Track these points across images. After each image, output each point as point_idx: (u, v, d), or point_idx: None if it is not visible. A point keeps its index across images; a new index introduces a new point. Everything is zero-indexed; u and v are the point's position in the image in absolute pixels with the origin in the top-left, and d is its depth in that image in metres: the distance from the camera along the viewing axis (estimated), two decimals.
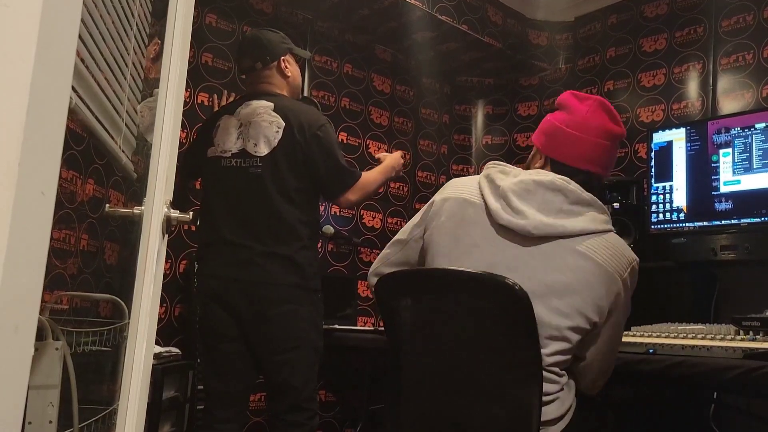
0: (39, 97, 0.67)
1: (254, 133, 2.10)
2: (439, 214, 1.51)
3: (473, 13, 3.35)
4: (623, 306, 1.43)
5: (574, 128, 1.46)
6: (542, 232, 1.36)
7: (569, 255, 1.36)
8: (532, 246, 1.37)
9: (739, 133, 2.49)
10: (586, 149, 1.45)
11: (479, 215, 1.44)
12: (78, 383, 1.30)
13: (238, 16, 2.97)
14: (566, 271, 1.35)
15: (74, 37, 0.76)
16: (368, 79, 3.51)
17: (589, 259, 1.36)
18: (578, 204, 1.40)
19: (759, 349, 1.47)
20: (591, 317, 1.36)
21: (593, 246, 1.37)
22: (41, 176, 0.70)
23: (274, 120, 2.10)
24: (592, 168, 1.47)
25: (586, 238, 1.37)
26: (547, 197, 1.39)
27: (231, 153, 2.12)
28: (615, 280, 1.38)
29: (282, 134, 2.08)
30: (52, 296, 1.48)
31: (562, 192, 1.39)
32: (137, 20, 1.58)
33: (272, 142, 2.08)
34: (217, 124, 2.20)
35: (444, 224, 1.49)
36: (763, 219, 2.37)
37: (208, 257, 2.14)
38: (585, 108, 1.47)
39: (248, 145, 2.10)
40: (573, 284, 1.35)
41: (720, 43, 2.99)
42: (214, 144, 2.17)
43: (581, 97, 1.50)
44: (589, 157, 1.46)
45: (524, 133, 3.84)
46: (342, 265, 3.32)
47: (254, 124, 2.11)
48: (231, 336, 2.07)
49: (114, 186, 1.91)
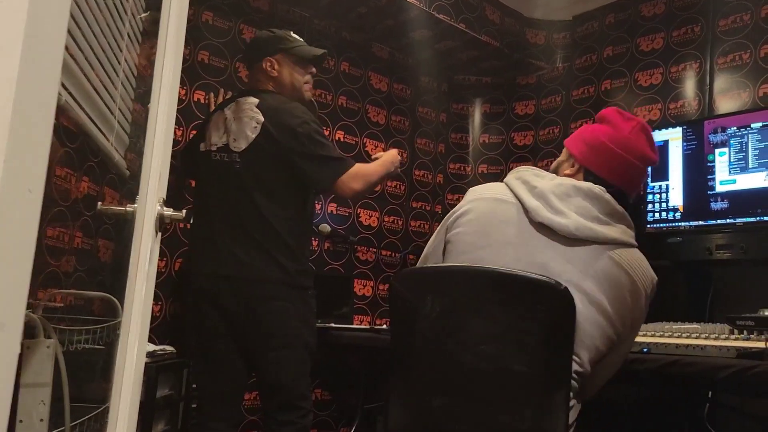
0: (25, 91, 0.66)
1: (236, 128, 2.11)
2: (467, 213, 1.48)
3: (471, 12, 3.35)
4: (642, 319, 1.44)
5: (616, 144, 1.47)
6: (583, 234, 1.35)
7: (604, 260, 1.36)
8: (568, 248, 1.37)
9: (736, 132, 2.49)
10: (623, 167, 1.47)
11: (514, 213, 1.42)
12: (70, 381, 1.30)
13: (235, 13, 2.96)
14: (602, 278, 1.35)
15: (63, 31, 0.75)
16: (365, 77, 3.50)
17: (621, 268, 1.36)
18: (612, 215, 1.40)
19: (753, 348, 1.47)
20: (618, 327, 1.36)
21: (625, 256, 1.38)
22: (28, 173, 0.69)
23: (254, 116, 2.10)
24: (624, 186, 1.49)
25: (617, 248, 1.38)
26: (585, 203, 1.39)
27: (216, 147, 2.15)
28: (641, 294, 1.39)
29: (260, 129, 2.08)
30: (46, 294, 1.47)
31: (599, 201, 1.40)
32: (130, 17, 1.57)
33: (249, 137, 2.08)
34: (210, 119, 2.24)
35: (472, 221, 1.46)
36: (759, 218, 2.38)
37: (197, 253, 2.16)
38: (629, 127, 1.49)
39: (230, 141, 2.12)
40: (608, 292, 1.34)
41: (717, 42, 2.99)
42: (205, 139, 2.20)
43: (626, 116, 1.52)
44: (624, 175, 1.48)
45: (521, 132, 3.84)
46: (338, 263, 3.32)
47: (237, 119, 2.12)
48: (221, 334, 2.07)
49: (109, 184, 1.90)
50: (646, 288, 1.40)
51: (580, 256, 1.35)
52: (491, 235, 1.42)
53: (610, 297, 1.34)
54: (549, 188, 1.41)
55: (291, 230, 2.10)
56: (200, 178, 2.24)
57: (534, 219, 1.39)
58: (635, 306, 1.38)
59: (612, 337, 1.36)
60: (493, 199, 1.47)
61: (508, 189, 1.48)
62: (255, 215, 2.06)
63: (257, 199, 2.06)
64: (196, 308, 2.12)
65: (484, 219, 1.45)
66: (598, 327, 1.33)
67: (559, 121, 3.65)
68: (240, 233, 2.06)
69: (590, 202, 1.39)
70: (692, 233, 2.57)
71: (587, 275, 1.34)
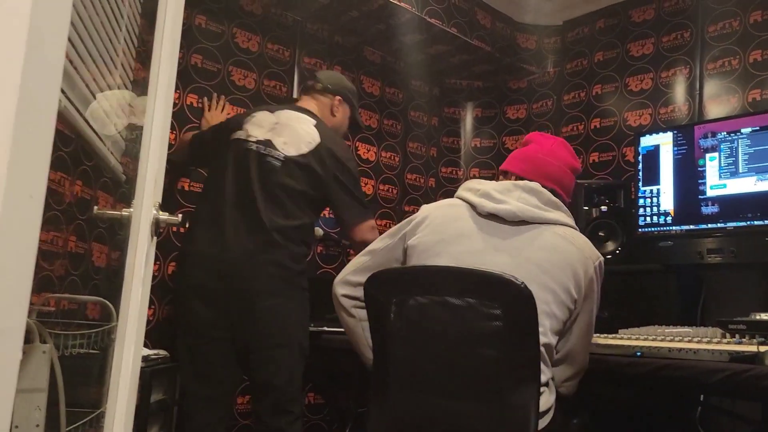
0: (28, 98, 0.66)
1: (288, 133, 2.17)
2: (423, 221, 1.65)
3: (462, 16, 3.36)
4: (597, 294, 1.58)
5: (543, 154, 1.70)
6: (525, 215, 1.55)
7: (550, 236, 1.54)
8: (516, 230, 1.56)
9: (726, 137, 2.51)
10: (554, 170, 1.68)
11: (463, 212, 1.62)
12: (65, 386, 1.29)
13: (228, 17, 2.96)
14: (550, 249, 1.52)
15: (64, 39, 0.76)
16: (357, 81, 3.51)
17: (568, 241, 1.54)
18: (549, 205, 1.60)
19: (745, 352, 1.48)
20: (573, 293, 1.50)
21: (569, 233, 1.57)
22: (30, 179, 0.70)
23: (311, 132, 2.18)
24: (557, 188, 1.67)
25: (561, 227, 1.57)
26: (524, 195, 1.59)
27: (256, 139, 2.16)
28: (590, 264, 1.55)
29: (314, 147, 2.16)
30: (40, 298, 1.47)
31: (536, 192, 1.60)
32: (126, 21, 1.57)
33: (302, 149, 2.14)
34: (253, 115, 2.24)
35: (430, 225, 1.63)
36: (749, 223, 2.40)
37: (201, 236, 2.11)
38: (551, 142, 1.74)
39: (277, 140, 2.15)
40: (556, 261, 1.50)
41: (706, 48, 3.02)
42: (242, 129, 2.21)
43: (547, 136, 1.80)
44: (556, 178, 1.68)
45: (513, 136, 3.86)
46: (331, 267, 3.32)
47: (291, 127, 2.18)
48: (212, 335, 2.04)
49: (102, 187, 1.89)
50: (593, 259, 1.56)
51: (527, 236, 1.54)
52: (447, 231, 1.60)
53: (557, 263, 1.50)
54: (491, 187, 1.62)
55: (301, 238, 2.14)
56: (219, 164, 2.19)
57: (482, 212, 1.59)
58: (585, 275, 1.52)
59: (567, 303, 1.50)
60: (446, 205, 1.69)
61: (457, 198, 1.69)
62: (273, 212, 2.08)
63: (282, 197, 2.10)
64: (188, 308, 2.08)
65: (439, 220, 1.63)
66: (549, 291, 1.47)
67: (551, 125, 3.68)
68: (252, 223, 2.06)
69: (528, 193, 1.59)
70: (683, 237, 2.59)
71: (536, 249, 1.52)
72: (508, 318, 1.34)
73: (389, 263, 1.68)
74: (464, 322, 1.38)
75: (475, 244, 1.55)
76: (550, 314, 1.47)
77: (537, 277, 1.46)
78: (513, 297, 1.33)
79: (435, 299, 1.42)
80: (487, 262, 1.47)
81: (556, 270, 1.49)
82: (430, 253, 1.57)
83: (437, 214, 1.65)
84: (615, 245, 2.79)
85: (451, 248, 1.55)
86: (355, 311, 1.71)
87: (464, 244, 1.55)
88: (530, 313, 1.33)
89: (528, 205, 1.56)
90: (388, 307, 1.47)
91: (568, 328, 1.55)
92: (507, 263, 1.47)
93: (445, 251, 1.55)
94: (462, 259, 1.52)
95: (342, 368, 3.11)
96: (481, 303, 1.36)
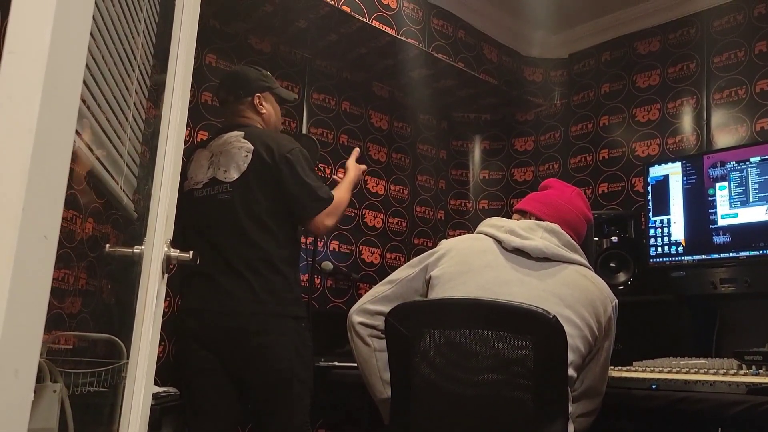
0: (43, 141, 0.67)
1: (224, 161, 2.10)
2: (447, 253, 1.65)
3: (469, 51, 3.40)
4: (613, 333, 1.59)
5: (563, 201, 1.76)
6: (550, 252, 1.58)
7: (573, 274, 1.57)
8: (540, 265, 1.58)
9: (735, 166, 2.51)
10: (572, 218, 1.74)
11: (490, 245, 1.64)
12: (75, 425, 1.29)
13: (238, 55, 3.01)
14: (572, 286, 1.54)
15: (79, 83, 0.77)
16: (366, 116, 3.54)
17: (589, 280, 1.58)
18: (569, 246, 1.64)
19: (763, 383, 1.46)
20: (594, 330, 1.51)
21: (589, 274, 1.61)
22: (44, 220, 0.70)
23: (243, 145, 2.10)
24: (572, 234, 1.70)
25: (582, 267, 1.61)
26: (546, 235, 1.63)
27: (202, 183, 2.13)
28: (608, 303, 1.57)
29: (251, 157, 2.08)
30: (50, 336, 1.47)
31: (558, 234, 1.64)
32: (139, 62, 1.60)
33: (242, 166, 2.07)
34: (192, 159, 2.21)
35: (454, 257, 1.63)
36: (762, 252, 2.38)
37: (185, 292, 2.13)
38: (570, 191, 1.81)
39: (218, 173, 2.10)
40: (578, 297, 1.52)
41: (713, 78, 3.03)
42: (188, 178, 2.17)
43: (565, 184, 1.86)
44: (573, 225, 1.73)
45: (521, 168, 3.87)
46: (341, 301, 3.31)
47: (225, 152, 2.11)
48: (210, 373, 2.02)
49: (113, 224, 1.91)
50: (611, 299, 1.59)
51: (551, 273, 1.57)
52: (474, 262, 1.60)
53: (579, 299, 1.51)
54: (515, 225, 1.65)
55: (283, 258, 2.07)
56: (185, 217, 2.15)
57: (507, 247, 1.61)
58: (605, 313, 1.55)
59: (589, 339, 1.50)
60: (471, 239, 1.70)
61: (480, 234, 1.71)
62: (247, 244, 2.03)
63: (248, 227, 2.04)
64: (183, 346, 2.08)
65: (464, 252, 1.64)
66: (574, 325, 1.47)
67: (559, 156, 3.68)
68: (228, 266, 2.03)
69: (551, 234, 1.63)
70: (696, 267, 2.57)
71: (560, 285, 1.53)
72: (539, 352, 1.32)
73: (409, 294, 1.66)
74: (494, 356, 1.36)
75: (502, 275, 1.55)
76: (575, 348, 1.46)
77: (562, 311, 1.46)
78: (544, 330, 1.32)
79: (460, 332, 1.39)
80: (514, 293, 1.47)
81: (578, 306, 1.50)
82: (456, 282, 1.56)
83: (462, 246, 1.66)
84: (626, 276, 2.77)
85: (478, 278, 1.55)
86: (371, 340, 1.68)
87: (491, 275, 1.56)
88: (561, 347, 1.32)
89: (551, 243, 1.60)
90: (412, 341, 1.42)
91: (587, 364, 1.54)
92: (534, 296, 1.47)
93: (473, 280, 1.55)
94: (489, 289, 1.51)
95: (353, 403, 3.08)
96: (512, 336, 1.34)
